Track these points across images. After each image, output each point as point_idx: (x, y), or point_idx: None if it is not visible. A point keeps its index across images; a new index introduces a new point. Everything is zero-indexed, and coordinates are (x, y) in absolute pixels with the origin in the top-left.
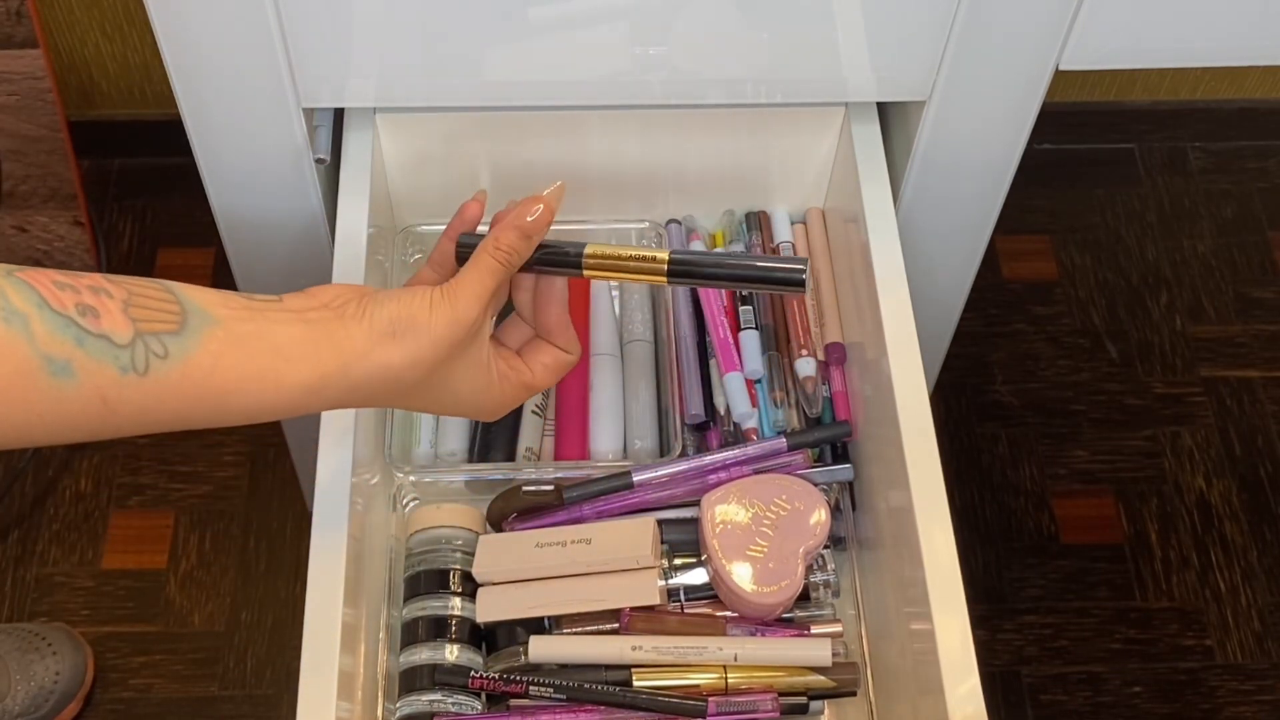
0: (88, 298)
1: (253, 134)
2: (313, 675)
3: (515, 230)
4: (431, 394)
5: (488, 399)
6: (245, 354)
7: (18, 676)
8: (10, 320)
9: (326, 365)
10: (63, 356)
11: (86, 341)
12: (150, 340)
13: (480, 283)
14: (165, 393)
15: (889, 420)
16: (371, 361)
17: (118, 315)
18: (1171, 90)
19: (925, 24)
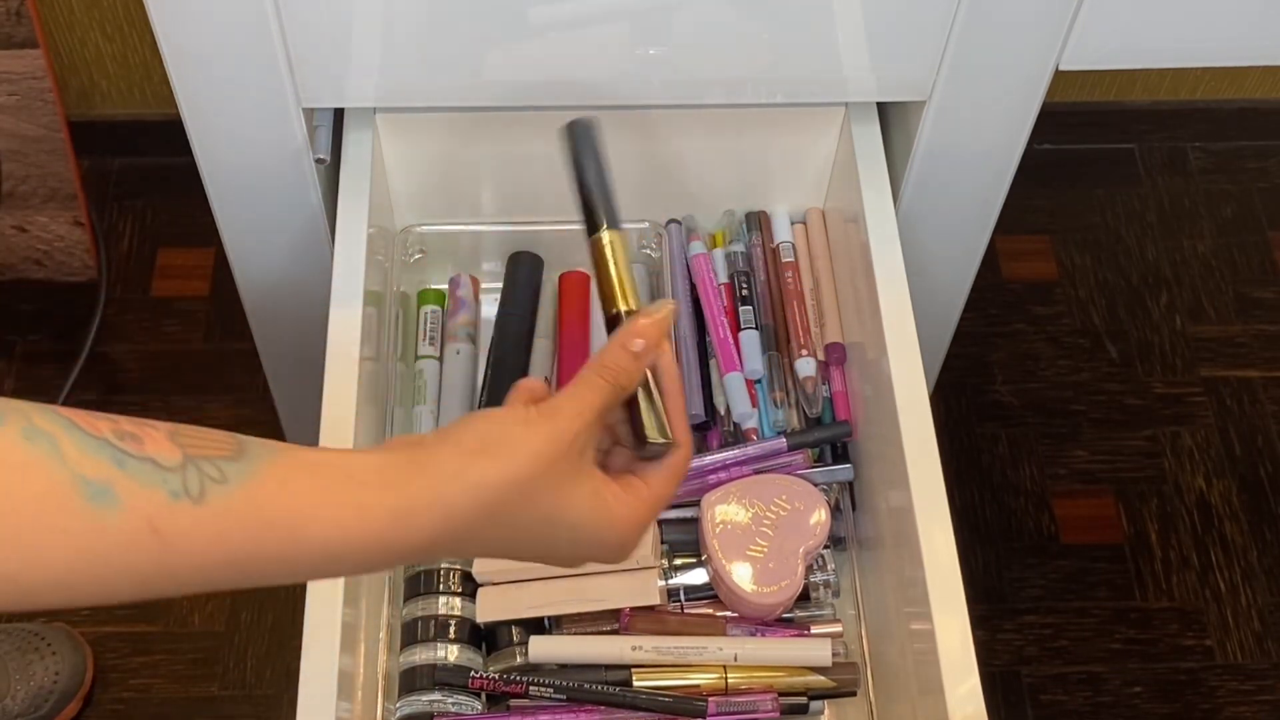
0: (126, 425)
1: (253, 134)
2: (313, 675)
3: (623, 350)
4: (544, 530)
5: (611, 531)
6: (317, 479)
7: (17, 677)
8: (34, 439)
9: (412, 488)
10: (100, 478)
11: (128, 463)
12: (204, 465)
13: (582, 398)
14: (227, 524)
15: (889, 420)
16: (465, 481)
17: (162, 440)
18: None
19: (925, 24)
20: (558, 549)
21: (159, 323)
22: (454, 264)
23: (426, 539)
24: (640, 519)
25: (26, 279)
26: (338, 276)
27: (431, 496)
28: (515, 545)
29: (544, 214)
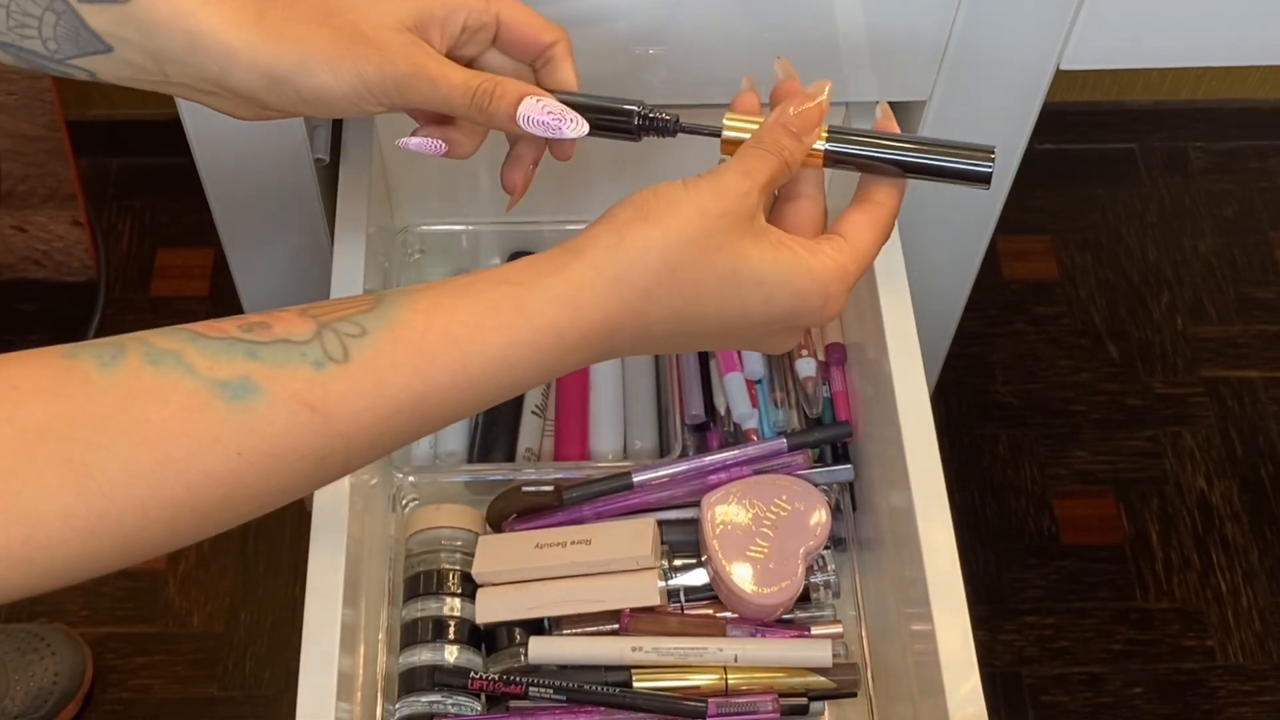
0: (255, 317)
1: (253, 134)
2: (312, 676)
3: (783, 129)
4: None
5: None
6: (466, 295)
7: (16, 677)
8: (160, 361)
9: (572, 270)
10: (236, 376)
11: (260, 352)
12: (341, 326)
13: (748, 163)
14: (383, 372)
15: (889, 420)
16: (627, 248)
17: (292, 318)
18: (1172, 90)
19: (925, 24)
20: (750, 311)
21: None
22: (454, 264)
23: (602, 319)
24: (842, 266)
25: (26, 279)
26: (337, 276)
27: (594, 273)
28: (704, 313)
29: (544, 214)
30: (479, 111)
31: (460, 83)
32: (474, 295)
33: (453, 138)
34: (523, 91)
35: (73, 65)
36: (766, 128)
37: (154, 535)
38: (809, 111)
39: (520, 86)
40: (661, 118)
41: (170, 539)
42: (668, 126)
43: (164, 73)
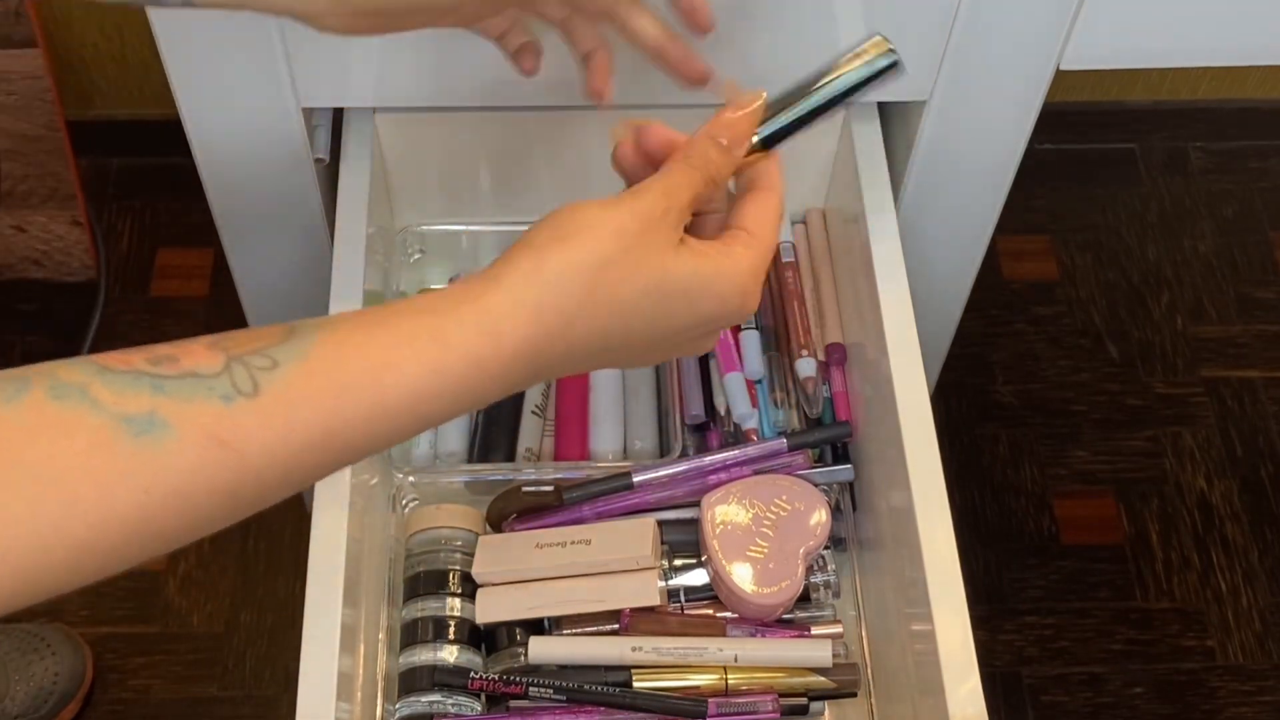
0: (164, 349)
1: (252, 134)
2: (312, 676)
3: (711, 143)
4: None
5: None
6: (382, 325)
7: (16, 677)
8: (64, 396)
9: (490, 298)
10: (142, 410)
11: (167, 386)
12: (251, 358)
13: (671, 180)
14: (295, 406)
15: (889, 421)
16: (546, 273)
17: (201, 351)
18: (1172, 90)
19: (926, 23)
20: (675, 321)
21: (158, 323)
22: (454, 264)
23: (526, 346)
24: (753, 263)
25: (26, 279)
26: (337, 276)
27: (513, 300)
28: (629, 330)
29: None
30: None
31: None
32: (390, 325)
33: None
34: None
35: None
36: (696, 142)
37: (56, 575)
38: (738, 123)
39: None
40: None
41: (72, 578)
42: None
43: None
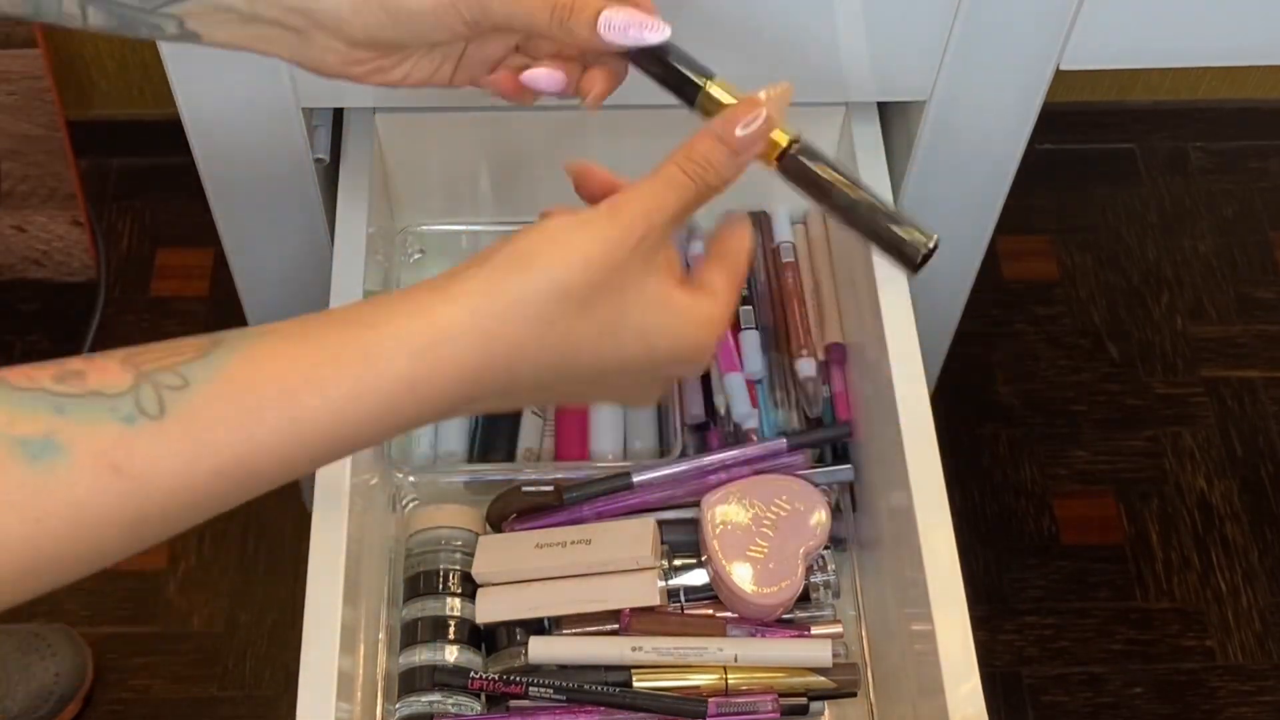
0: (75, 365)
1: (253, 134)
2: (312, 676)
3: (717, 144)
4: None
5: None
6: (307, 339)
7: (17, 677)
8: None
9: (436, 316)
10: (38, 433)
11: (67, 406)
12: (160, 376)
13: (656, 196)
14: (201, 428)
15: (889, 421)
16: (500, 298)
17: (111, 368)
18: (1172, 90)
19: (926, 23)
20: (628, 362)
21: (158, 323)
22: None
23: (467, 373)
24: (717, 317)
25: (25, 279)
26: (337, 276)
27: (461, 323)
28: (577, 366)
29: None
30: (559, 26)
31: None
32: (316, 340)
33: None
34: (602, 3)
35: (162, 14)
36: (698, 143)
37: None
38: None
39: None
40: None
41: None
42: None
43: (253, 9)
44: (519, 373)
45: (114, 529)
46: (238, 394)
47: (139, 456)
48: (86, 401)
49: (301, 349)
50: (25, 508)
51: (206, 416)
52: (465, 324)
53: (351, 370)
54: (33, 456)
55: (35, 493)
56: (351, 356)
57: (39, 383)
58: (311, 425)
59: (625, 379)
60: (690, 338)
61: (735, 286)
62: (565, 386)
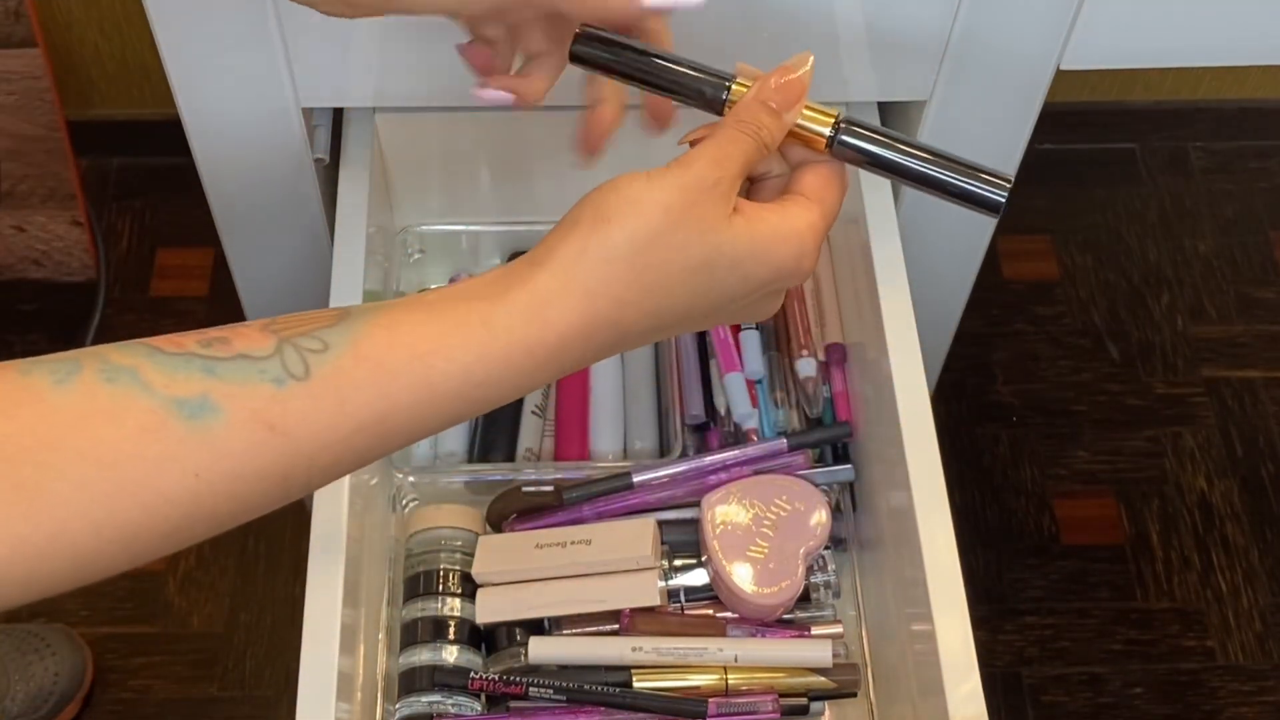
0: (215, 332)
1: (252, 134)
2: (312, 676)
3: (761, 106)
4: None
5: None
6: (431, 310)
7: (16, 677)
8: (115, 379)
9: (537, 281)
10: (194, 393)
11: (218, 368)
12: (302, 341)
13: (721, 148)
14: (345, 389)
15: (889, 421)
16: (591, 255)
17: (253, 333)
18: (1173, 90)
19: (926, 23)
20: (728, 291)
21: (158, 323)
22: (454, 264)
23: (575, 329)
24: (812, 223)
25: (25, 279)
26: (337, 276)
27: (560, 282)
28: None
29: (544, 214)
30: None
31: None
32: (440, 312)
33: (520, 87)
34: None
35: None
36: (745, 104)
37: (109, 556)
38: (790, 85)
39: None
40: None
41: (125, 559)
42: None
43: None
44: (624, 320)
45: (267, 483)
46: (375, 357)
47: (290, 415)
48: (236, 364)
49: (428, 318)
50: (186, 462)
51: (348, 378)
52: (563, 286)
53: (475, 335)
54: (190, 415)
55: (195, 449)
56: (473, 324)
57: (186, 347)
58: (442, 386)
59: (733, 305)
60: (785, 255)
61: (834, 188)
62: (675, 324)
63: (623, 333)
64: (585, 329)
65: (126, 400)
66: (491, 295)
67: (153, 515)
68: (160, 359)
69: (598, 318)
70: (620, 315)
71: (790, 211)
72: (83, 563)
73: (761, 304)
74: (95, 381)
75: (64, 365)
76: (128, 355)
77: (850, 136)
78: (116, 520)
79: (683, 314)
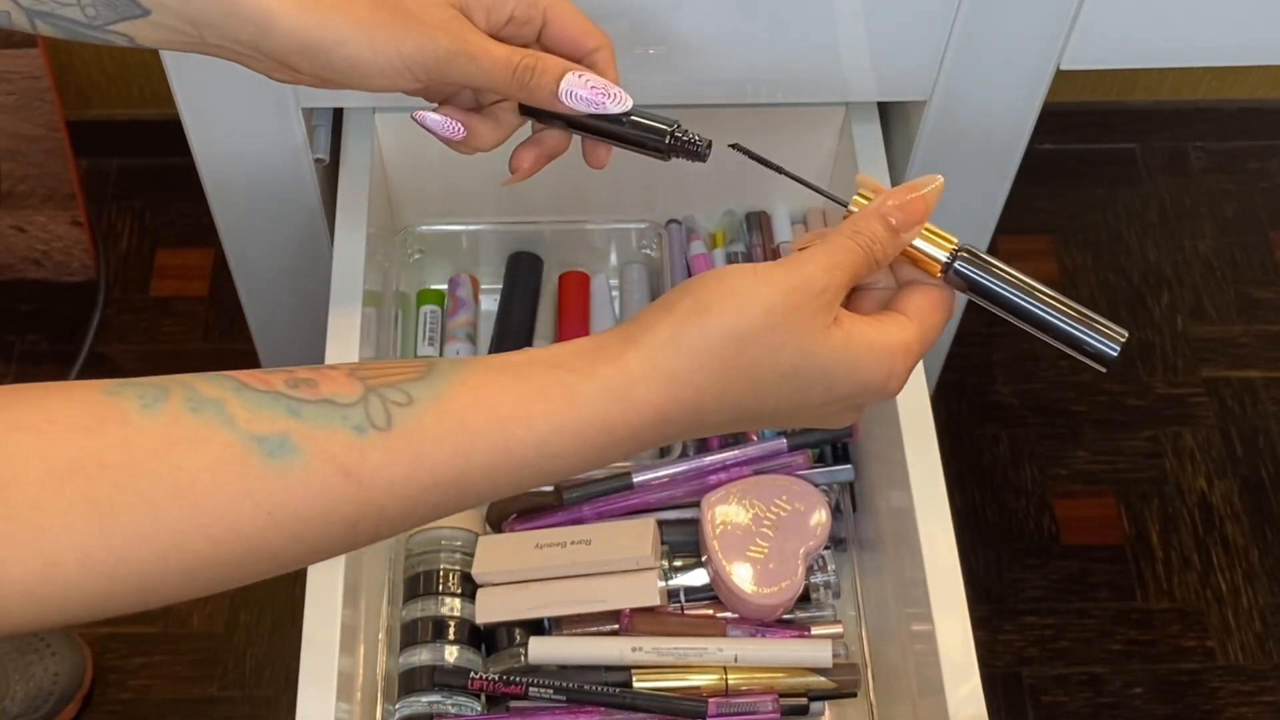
0: (302, 373)
1: (252, 134)
2: (312, 676)
3: (880, 220)
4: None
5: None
6: (517, 376)
7: (16, 677)
8: (201, 409)
9: (625, 361)
10: (276, 432)
11: (303, 410)
12: (388, 392)
13: (834, 255)
14: (424, 445)
15: (890, 421)
16: (681, 343)
17: (340, 378)
18: (1173, 90)
19: (926, 23)
20: (810, 399)
21: (158, 323)
22: (453, 264)
23: (653, 413)
24: (906, 344)
25: (25, 279)
26: (337, 276)
27: (649, 367)
28: (760, 405)
29: (544, 214)
30: (520, 87)
31: (502, 58)
32: (526, 377)
33: (474, 126)
34: (565, 67)
35: (112, 31)
36: (864, 215)
37: (172, 584)
38: (913, 203)
39: (562, 63)
40: (693, 141)
41: (187, 589)
42: (698, 150)
43: (200, 36)
44: (705, 410)
45: (335, 528)
46: (458, 415)
47: (368, 463)
48: (320, 408)
49: (513, 382)
50: (260, 500)
51: (429, 434)
52: (652, 370)
53: (556, 406)
54: (269, 454)
55: (270, 487)
56: (556, 394)
57: (273, 386)
58: (520, 452)
59: (813, 411)
60: (874, 374)
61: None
62: (753, 420)
63: (701, 420)
64: (665, 414)
65: (209, 432)
66: (579, 368)
67: (219, 548)
68: (246, 395)
69: (679, 404)
70: (701, 403)
71: (888, 329)
72: (147, 588)
73: (841, 415)
74: (181, 410)
75: (151, 391)
76: (215, 388)
77: (967, 266)
78: (184, 549)
79: (765, 412)
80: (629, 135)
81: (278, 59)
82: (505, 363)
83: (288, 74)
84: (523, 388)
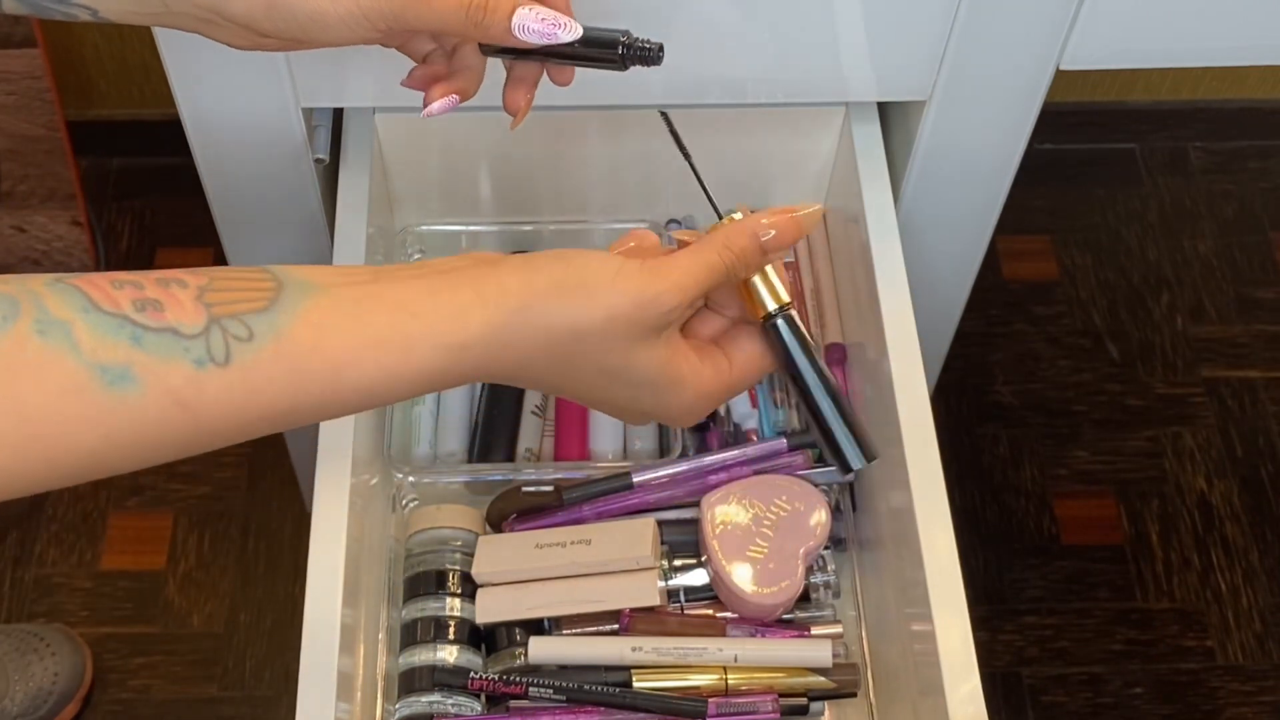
0: (152, 291)
1: (253, 134)
2: (312, 676)
3: (752, 238)
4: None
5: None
6: (358, 318)
7: (16, 677)
8: (48, 332)
9: (469, 320)
10: (118, 362)
11: (145, 339)
12: (229, 323)
13: (692, 273)
14: (256, 381)
15: (889, 421)
16: (529, 321)
17: (188, 304)
18: (1173, 90)
19: (926, 23)
20: (615, 401)
21: None
22: None
23: (481, 370)
24: (713, 394)
25: None
26: None
27: (489, 331)
28: (568, 388)
29: (544, 214)
30: (475, 26)
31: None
32: (366, 321)
33: (458, 86)
34: (515, 2)
35: (75, 4)
36: (739, 230)
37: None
38: (788, 224)
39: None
40: (644, 46)
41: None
42: (650, 54)
43: (164, 3)
44: (522, 378)
45: (170, 449)
46: (293, 359)
47: (204, 396)
48: (162, 338)
49: (353, 326)
50: (99, 425)
51: (265, 372)
52: (491, 335)
53: (390, 357)
54: (110, 383)
55: (108, 414)
56: (394, 344)
57: (121, 308)
58: (350, 394)
59: (614, 408)
60: (677, 403)
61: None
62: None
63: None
64: (489, 372)
65: (55, 359)
66: (422, 314)
67: (55, 468)
68: (94, 318)
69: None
70: (521, 373)
71: (705, 372)
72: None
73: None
74: (29, 332)
75: (3, 305)
76: (64, 307)
77: (787, 327)
78: (20, 468)
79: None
80: (585, 54)
81: (239, 21)
82: (350, 298)
83: (251, 38)
84: (362, 333)
